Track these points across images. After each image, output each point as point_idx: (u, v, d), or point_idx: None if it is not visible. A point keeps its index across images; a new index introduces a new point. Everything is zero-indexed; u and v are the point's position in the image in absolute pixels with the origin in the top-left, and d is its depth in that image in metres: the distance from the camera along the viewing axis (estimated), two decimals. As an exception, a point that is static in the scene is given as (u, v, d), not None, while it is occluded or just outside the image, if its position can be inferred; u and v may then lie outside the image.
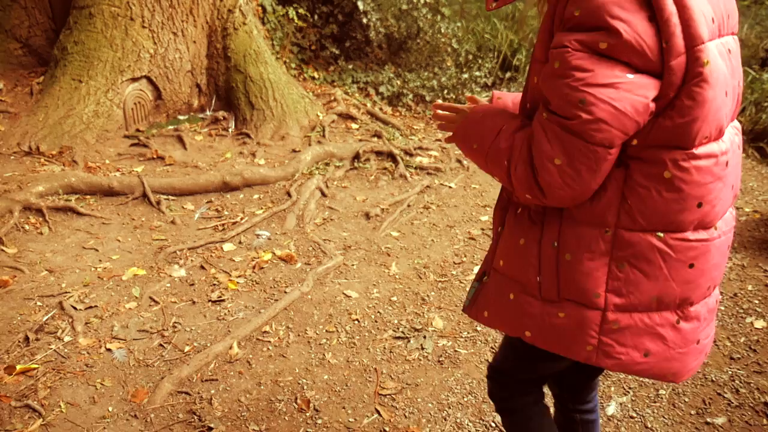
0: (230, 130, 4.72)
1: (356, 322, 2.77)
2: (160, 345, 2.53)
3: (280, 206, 3.72)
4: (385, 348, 2.61)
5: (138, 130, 4.51)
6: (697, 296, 1.14)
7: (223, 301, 2.84)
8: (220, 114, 4.82)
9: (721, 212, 1.11)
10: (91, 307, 2.72)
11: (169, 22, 4.57)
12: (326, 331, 2.70)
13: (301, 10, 5.57)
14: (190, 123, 4.77)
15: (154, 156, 4.13)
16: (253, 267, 3.13)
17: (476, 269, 3.26)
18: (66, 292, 2.79)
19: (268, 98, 4.74)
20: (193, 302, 2.82)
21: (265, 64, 4.86)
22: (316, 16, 6.18)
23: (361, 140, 4.70)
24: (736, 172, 1.14)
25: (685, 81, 0.97)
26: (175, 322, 2.67)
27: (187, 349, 2.51)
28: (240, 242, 3.38)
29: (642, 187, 1.05)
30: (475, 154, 1.20)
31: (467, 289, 2.69)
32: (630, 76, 0.96)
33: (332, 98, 5.45)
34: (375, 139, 4.76)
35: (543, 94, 1.05)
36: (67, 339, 2.50)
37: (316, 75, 6.03)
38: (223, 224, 3.52)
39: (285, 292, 2.93)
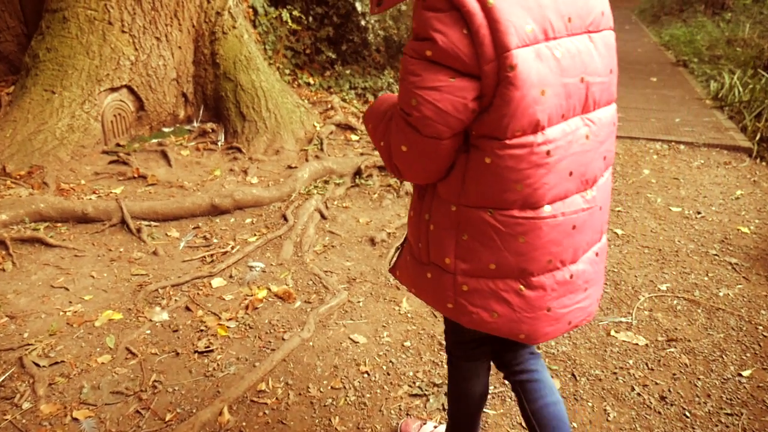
0: (219, 143, 4.33)
1: (366, 375, 2.40)
2: (137, 412, 2.14)
3: (275, 232, 3.34)
4: (400, 408, 2.24)
5: (118, 145, 4.12)
6: (537, 268, 1.27)
7: (212, 351, 2.46)
8: (209, 126, 4.43)
9: (550, 195, 1.22)
10: (56, 362, 2.33)
11: (151, 26, 4.18)
12: (332, 388, 2.32)
13: (295, 12, 5.19)
14: (176, 136, 4.38)
15: (135, 175, 3.74)
16: (246, 307, 2.75)
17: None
18: (28, 344, 2.40)
19: (260, 108, 4.35)
20: (177, 354, 2.44)
21: (257, 71, 4.47)
22: (310, 18, 5.80)
23: (362, 154, 4.33)
24: (583, 161, 1.25)
25: (498, 82, 1.08)
26: (155, 381, 2.29)
27: (168, 417, 2.12)
28: (231, 276, 2.99)
29: (474, 171, 1.20)
30: (371, 133, 1.36)
31: None
32: (452, 80, 1.09)
33: (329, 106, 5.07)
34: (377, 152, 4.38)
35: None
36: (26, 406, 2.12)
37: (311, 81, 5.65)
38: (211, 255, 3.13)
39: (283, 339, 2.55)
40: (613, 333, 2.71)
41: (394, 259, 1.55)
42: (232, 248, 3.18)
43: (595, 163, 1.28)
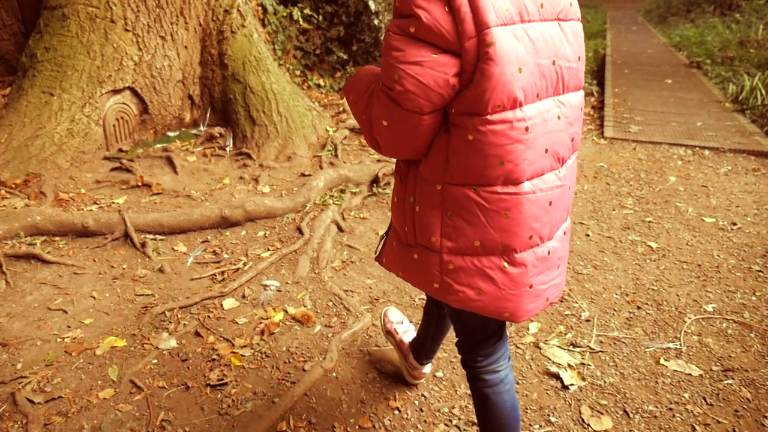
0: (228, 149, 4.09)
1: (396, 411, 2.16)
2: (143, 458, 1.91)
3: (290, 246, 3.10)
4: (437, 452, 2.00)
5: (121, 150, 3.88)
6: (519, 244, 1.31)
7: (226, 385, 2.22)
8: (216, 130, 4.19)
9: (529, 171, 1.26)
10: (53, 398, 2.09)
11: (156, 25, 3.94)
12: (360, 427, 2.09)
13: (307, 11, 4.94)
14: (182, 141, 4.14)
15: (139, 183, 3.50)
16: (262, 332, 2.52)
17: (532, 326, 2.68)
18: (22, 377, 2.16)
19: (271, 112, 4.11)
20: (187, 387, 2.20)
21: (267, 72, 4.23)
22: (320, 17, 5.56)
23: (379, 161, 4.09)
24: (556, 140, 1.31)
25: (478, 59, 1.13)
26: (163, 420, 2.05)
27: (178, 464, 1.89)
28: (243, 296, 2.76)
29: (456, 149, 1.23)
30: (351, 105, 1.38)
31: (526, 357, 2.43)
32: (434, 55, 1.14)
33: (341, 109, 4.83)
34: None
35: None
36: (18, 451, 1.88)
37: (321, 82, 5.41)
38: (222, 272, 2.89)
39: (303, 370, 2.31)
40: (662, 361, 2.48)
41: (380, 247, 1.59)
42: (244, 265, 2.95)
43: (565, 143, 1.36)
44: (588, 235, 3.72)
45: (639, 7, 21.29)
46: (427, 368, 2.24)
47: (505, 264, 1.32)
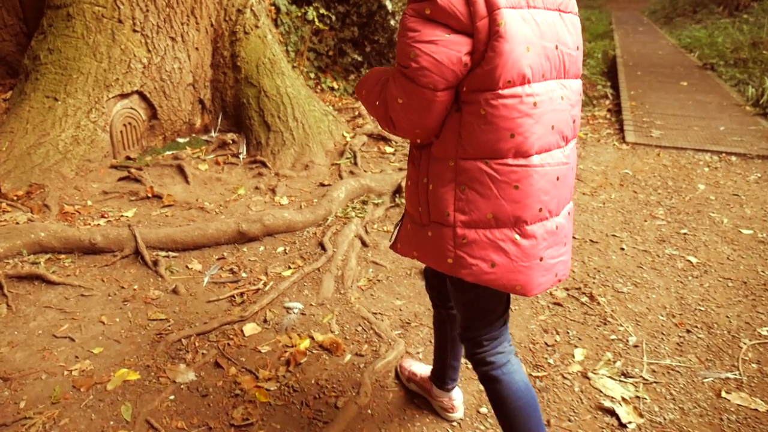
0: (241, 156, 3.88)
1: (441, 456, 1.95)
2: None
3: (312, 264, 2.89)
4: (490, 505, 1.79)
5: (128, 158, 3.66)
6: (530, 216, 1.37)
7: (251, 425, 2.01)
8: (229, 136, 3.97)
9: (538, 145, 1.34)
10: (61, 442, 1.88)
11: (165, 25, 3.73)
12: (402, 475, 1.88)
13: (322, 10, 4.73)
14: (192, 147, 3.92)
15: (149, 194, 3.29)
16: (287, 362, 2.30)
17: (577, 353, 2.47)
18: (25, 418, 1.95)
19: (287, 117, 3.90)
20: (209, 429, 1.98)
21: (281, 75, 4.02)
22: (333, 17, 5.35)
23: (400, 169, 3.88)
24: (561, 118, 1.39)
25: (489, 38, 1.21)
26: (184, 468, 1.84)
27: None
28: (265, 320, 2.54)
29: (469, 124, 1.31)
30: (365, 100, 1.46)
31: (575, 390, 2.27)
32: (447, 35, 1.22)
33: (356, 113, 4.62)
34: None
35: None
36: (22, 507, 1.67)
37: (335, 85, 5.20)
38: (241, 293, 2.68)
39: (336, 407, 2.10)
40: (724, 394, 2.27)
41: (395, 235, 1.63)
42: (264, 285, 2.73)
43: (569, 122, 1.42)
44: (623, 249, 3.52)
45: (643, 7, 21.11)
46: (457, 396, 2.07)
47: (517, 236, 1.37)
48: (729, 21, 13.27)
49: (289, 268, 2.89)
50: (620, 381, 2.35)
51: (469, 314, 1.59)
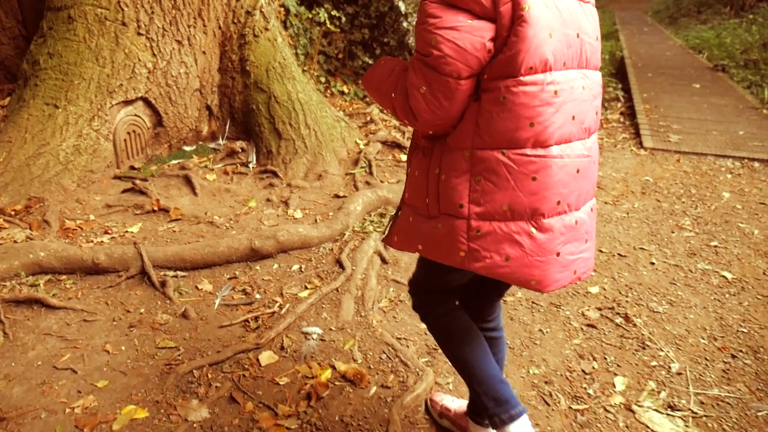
0: (251, 165, 3.69)
1: (482, 505, 1.77)
2: None
3: (330, 284, 2.71)
4: None
5: (132, 168, 3.48)
6: (547, 209, 1.32)
7: (272, 471, 1.82)
8: (238, 144, 3.79)
9: (557, 135, 1.30)
10: (63, 494, 1.70)
11: (171, 28, 3.54)
12: None
13: (334, 12, 4.54)
14: (199, 156, 3.74)
15: (155, 207, 3.10)
16: (308, 396, 2.12)
17: (618, 382, 2.30)
18: (24, 464, 1.77)
19: (298, 124, 3.72)
20: (226, 475, 1.80)
21: (292, 80, 3.84)
22: (343, 19, 5.17)
23: (418, 179, 3.69)
24: (582, 108, 1.35)
25: (512, 22, 1.19)
26: None
27: None
28: (282, 348, 2.36)
29: (487, 112, 1.27)
30: (375, 92, 1.42)
31: (620, 425, 2.08)
32: (470, 21, 1.19)
33: (368, 119, 4.44)
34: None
35: None
36: None
37: (345, 89, 5.02)
38: (255, 317, 2.50)
39: (364, 449, 1.92)
40: (782, 430, 2.09)
41: (389, 228, 1.57)
42: (280, 307, 2.55)
43: (590, 113, 1.38)
44: (653, 263, 3.34)
45: (646, 7, 20.95)
46: None
47: (533, 229, 1.32)
48: (737, 21, 13.12)
49: (306, 288, 2.71)
50: (667, 414, 2.18)
51: (428, 280, 1.61)
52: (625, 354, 2.52)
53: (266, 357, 2.29)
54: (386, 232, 1.59)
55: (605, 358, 2.49)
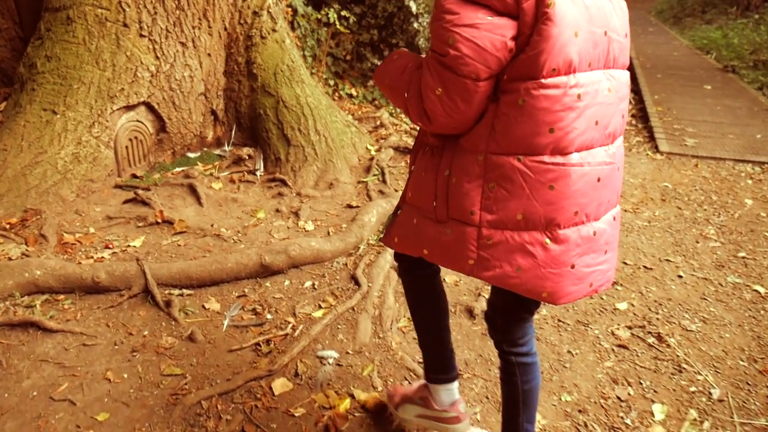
0: (258, 173, 3.53)
1: None
2: None
3: (345, 303, 2.54)
4: None
5: (134, 176, 3.32)
6: (564, 220, 1.25)
7: None
8: (244, 151, 3.63)
9: (578, 142, 1.22)
10: None
11: (175, 29, 3.38)
12: None
13: (344, 12, 4.38)
14: (204, 163, 3.58)
15: (159, 219, 2.94)
16: (326, 430, 1.96)
17: (656, 410, 2.14)
18: None
19: (308, 130, 3.56)
20: None
21: (301, 84, 3.67)
22: (351, 20, 5.00)
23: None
24: (607, 113, 1.27)
25: (536, 20, 1.11)
26: None
27: None
28: (296, 374, 2.20)
29: (504, 115, 1.20)
30: (388, 90, 1.34)
31: None
32: (490, 18, 1.11)
33: (378, 123, 4.28)
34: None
35: None
36: None
37: (353, 92, 4.86)
38: (267, 340, 2.34)
39: (389, 491, 1.76)
40: (838, 466, 1.93)
41: (388, 227, 1.52)
42: (293, 329, 2.39)
43: (615, 117, 1.30)
44: (681, 277, 3.18)
45: (650, 7, 20.78)
46: None
47: (547, 240, 1.26)
48: (743, 21, 12.97)
49: (320, 307, 2.55)
50: (713, 448, 2.02)
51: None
52: (661, 378, 2.36)
53: (280, 385, 2.12)
54: (384, 233, 1.52)
55: (641, 383, 2.33)
